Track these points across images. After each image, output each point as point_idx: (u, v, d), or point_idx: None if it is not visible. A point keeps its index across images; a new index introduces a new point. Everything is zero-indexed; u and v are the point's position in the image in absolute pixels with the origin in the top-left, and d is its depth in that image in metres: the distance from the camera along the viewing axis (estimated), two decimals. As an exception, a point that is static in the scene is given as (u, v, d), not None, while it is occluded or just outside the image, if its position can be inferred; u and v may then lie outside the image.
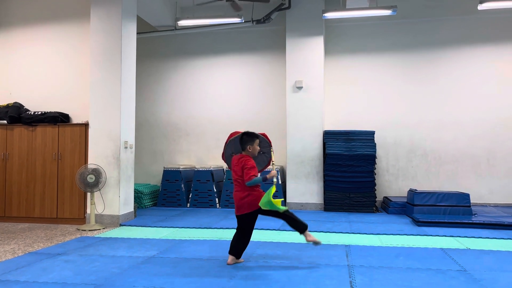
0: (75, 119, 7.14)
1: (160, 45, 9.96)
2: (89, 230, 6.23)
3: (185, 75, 9.86)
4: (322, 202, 8.31)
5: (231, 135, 4.50)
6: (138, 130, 9.16)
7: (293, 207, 8.35)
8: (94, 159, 6.66)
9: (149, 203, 8.74)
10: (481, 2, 7.28)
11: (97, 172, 6.39)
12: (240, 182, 4.22)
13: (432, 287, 3.57)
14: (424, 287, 3.57)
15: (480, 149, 8.60)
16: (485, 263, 4.35)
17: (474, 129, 8.63)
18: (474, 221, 6.36)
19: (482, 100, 8.63)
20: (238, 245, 4.30)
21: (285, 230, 6.10)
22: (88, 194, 6.66)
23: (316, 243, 4.23)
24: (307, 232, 4.22)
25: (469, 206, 6.94)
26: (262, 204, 4.00)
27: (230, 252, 4.32)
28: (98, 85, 6.73)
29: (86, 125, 6.91)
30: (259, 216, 4.31)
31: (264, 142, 4.52)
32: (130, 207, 7.02)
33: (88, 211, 6.69)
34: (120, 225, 6.60)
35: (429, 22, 8.88)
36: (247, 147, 4.29)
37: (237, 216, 4.32)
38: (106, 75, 6.71)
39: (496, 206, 8.26)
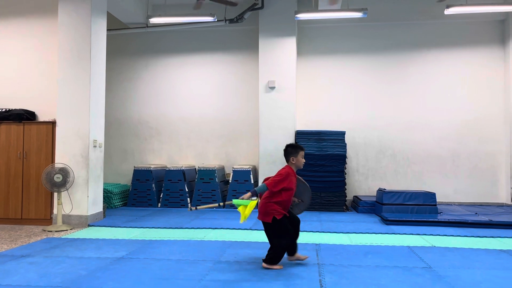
0: (42, 117, 6.94)
1: (132, 43, 9.79)
2: (56, 231, 6.06)
3: (157, 74, 9.74)
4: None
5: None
6: (108, 129, 8.98)
7: (265, 207, 8.37)
8: (62, 158, 6.48)
9: (119, 203, 8.58)
10: (447, 7, 7.51)
11: (64, 172, 6.23)
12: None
13: (398, 285, 3.66)
14: (391, 285, 3.66)
15: (446, 150, 8.88)
16: (449, 260, 4.49)
17: (441, 130, 8.90)
18: (439, 220, 6.57)
19: (448, 102, 8.92)
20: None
21: (256, 230, 6.12)
22: (55, 194, 6.48)
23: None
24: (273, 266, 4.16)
25: (435, 205, 7.16)
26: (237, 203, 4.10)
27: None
28: (66, 82, 6.55)
29: (53, 123, 6.73)
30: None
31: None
32: (99, 207, 6.88)
33: (55, 211, 6.50)
34: (89, 225, 6.46)
35: (398, 25, 9.10)
36: (290, 158, 4.32)
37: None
38: (75, 72, 6.54)
39: (460, 204, 8.55)
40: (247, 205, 4.10)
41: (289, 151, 4.34)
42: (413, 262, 4.41)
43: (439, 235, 5.85)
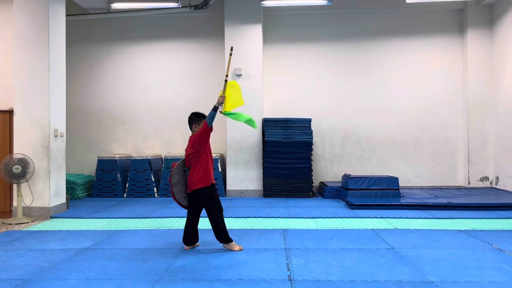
0: (-2, 106, 6.65)
1: (93, 29, 9.47)
2: (16, 224, 5.86)
3: (121, 61, 9.49)
4: (262, 188, 8.43)
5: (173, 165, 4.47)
6: (70, 118, 8.70)
7: (233, 194, 8.40)
8: (20, 148, 6.24)
9: (83, 194, 8.38)
10: (409, -4, 7.67)
11: (24, 162, 6.00)
12: (193, 159, 4.28)
13: (363, 266, 3.77)
14: (355, 266, 3.77)
15: (408, 136, 9.14)
16: (410, 241, 4.66)
17: (403, 116, 9.14)
18: (402, 203, 6.79)
19: (410, 89, 9.15)
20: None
21: (226, 217, 6.11)
22: (15, 186, 6.24)
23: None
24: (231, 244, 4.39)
25: (398, 189, 7.40)
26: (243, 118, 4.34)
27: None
28: (23, 69, 6.28)
29: (10, 112, 6.45)
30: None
31: None
32: (62, 199, 6.68)
33: (15, 203, 6.27)
34: (51, 217, 6.27)
35: (362, 13, 9.21)
36: (193, 126, 4.42)
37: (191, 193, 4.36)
38: (32, 59, 6.27)
39: (421, 188, 8.85)
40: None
41: (193, 119, 4.45)
42: (377, 244, 4.55)
43: (401, 217, 6.05)
